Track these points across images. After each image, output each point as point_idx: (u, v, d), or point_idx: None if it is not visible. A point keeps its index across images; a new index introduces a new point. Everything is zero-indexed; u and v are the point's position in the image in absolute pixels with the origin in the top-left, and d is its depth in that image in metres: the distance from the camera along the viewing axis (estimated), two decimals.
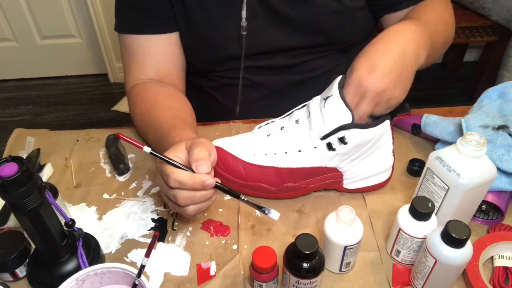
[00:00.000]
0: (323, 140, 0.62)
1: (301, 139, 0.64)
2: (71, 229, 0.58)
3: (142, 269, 0.49)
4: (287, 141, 0.65)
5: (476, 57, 2.48)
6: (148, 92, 0.77)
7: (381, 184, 0.71)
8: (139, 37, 0.78)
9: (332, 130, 0.61)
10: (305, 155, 0.64)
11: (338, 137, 0.61)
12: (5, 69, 2.47)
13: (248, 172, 0.67)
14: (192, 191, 0.55)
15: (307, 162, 0.65)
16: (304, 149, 0.64)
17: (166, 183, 0.55)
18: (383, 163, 0.68)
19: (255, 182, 0.67)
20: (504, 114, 0.70)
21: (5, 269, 0.59)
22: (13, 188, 0.47)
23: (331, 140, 0.62)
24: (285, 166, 0.66)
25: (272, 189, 0.68)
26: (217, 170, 0.68)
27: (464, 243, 0.49)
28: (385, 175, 0.70)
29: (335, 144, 0.62)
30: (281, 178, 0.67)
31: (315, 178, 0.67)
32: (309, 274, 0.52)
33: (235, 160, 0.67)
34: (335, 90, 0.61)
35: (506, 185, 0.63)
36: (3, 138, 2.07)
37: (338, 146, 0.62)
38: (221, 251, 0.64)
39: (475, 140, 0.54)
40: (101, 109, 2.29)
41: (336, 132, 0.61)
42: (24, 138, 0.83)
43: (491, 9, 1.82)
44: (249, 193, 0.69)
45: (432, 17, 0.73)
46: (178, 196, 0.55)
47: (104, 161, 0.79)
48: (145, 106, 0.75)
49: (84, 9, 2.23)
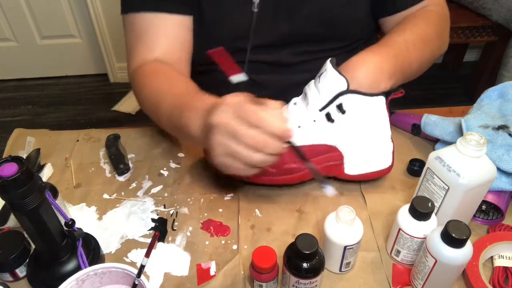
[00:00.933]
0: (322, 111, 0.63)
1: (299, 115, 0.65)
2: (71, 229, 0.58)
3: (142, 269, 0.49)
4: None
5: (476, 57, 2.48)
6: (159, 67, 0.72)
7: (383, 171, 0.70)
8: (151, 15, 0.74)
9: (330, 100, 0.62)
10: (305, 131, 0.65)
11: (336, 104, 0.62)
12: (5, 69, 2.47)
13: None
14: (270, 138, 0.51)
15: (307, 139, 0.65)
16: (303, 124, 0.65)
17: (247, 120, 0.50)
18: (382, 146, 0.68)
19: None
20: (504, 114, 0.70)
21: (5, 269, 0.59)
22: (13, 188, 0.47)
23: (330, 109, 0.63)
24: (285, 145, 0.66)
25: (273, 172, 0.67)
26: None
27: (464, 243, 0.49)
28: (385, 161, 0.70)
29: (334, 113, 0.63)
30: (281, 158, 0.66)
31: (316, 158, 0.67)
32: (309, 274, 0.52)
33: None
34: (328, 65, 0.63)
35: (506, 185, 0.63)
36: (3, 138, 2.07)
37: (337, 115, 0.63)
38: (221, 251, 0.64)
39: (475, 140, 0.54)
40: (101, 109, 2.29)
41: (334, 100, 0.62)
42: (24, 138, 0.83)
43: (491, 9, 1.82)
44: (250, 178, 0.67)
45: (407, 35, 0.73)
46: (257, 138, 0.50)
47: (104, 161, 0.79)
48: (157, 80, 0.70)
49: (84, 9, 2.23)
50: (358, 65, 0.65)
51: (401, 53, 0.69)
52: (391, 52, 0.68)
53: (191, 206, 0.70)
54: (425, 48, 0.75)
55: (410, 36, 0.73)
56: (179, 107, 0.62)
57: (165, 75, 0.71)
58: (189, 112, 0.59)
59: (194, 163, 0.78)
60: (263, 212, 0.69)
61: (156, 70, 0.72)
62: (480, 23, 1.88)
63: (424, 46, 0.75)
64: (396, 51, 0.69)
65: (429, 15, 0.78)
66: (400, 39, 0.72)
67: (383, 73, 0.65)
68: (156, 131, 0.86)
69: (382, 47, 0.70)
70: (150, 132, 0.85)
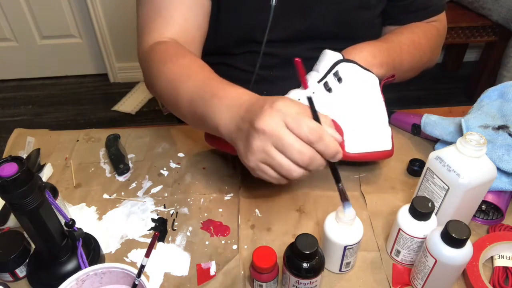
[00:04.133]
0: (320, 82, 0.68)
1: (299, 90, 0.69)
2: (71, 229, 0.58)
3: (142, 269, 0.49)
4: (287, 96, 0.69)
5: (476, 57, 2.48)
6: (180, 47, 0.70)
7: (383, 153, 0.70)
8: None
9: (328, 70, 0.68)
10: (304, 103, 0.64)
11: (333, 72, 0.67)
12: (5, 69, 2.46)
13: None
14: (317, 154, 0.49)
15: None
16: (302, 97, 0.66)
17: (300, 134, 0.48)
18: (379, 126, 0.70)
19: None
20: (504, 114, 0.70)
21: (5, 269, 0.59)
22: (13, 188, 0.47)
23: (328, 79, 0.67)
24: None
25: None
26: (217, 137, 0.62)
27: (464, 243, 0.49)
28: (385, 143, 0.70)
29: (331, 82, 0.67)
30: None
31: None
32: (309, 274, 0.52)
33: None
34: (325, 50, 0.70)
35: (506, 185, 0.63)
36: (3, 138, 2.07)
37: (334, 83, 0.67)
38: (221, 251, 0.64)
39: (475, 140, 0.54)
40: (101, 109, 2.29)
41: (331, 70, 0.67)
42: (24, 138, 0.83)
43: (491, 9, 1.82)
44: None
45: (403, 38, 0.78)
46: (306, 154, 0.48)
47: (104, 161, 0.79)
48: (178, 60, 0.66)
49: (84, 9, 2.23)
50: (352, 50, 0.71)
51: (393, 50, 0.75)
52: (384, 46, 0.74)
53: (191, 206, 0.70)
54: (416, 55, 0.79)
55: (405, 40, 0.78)
56: (206, 92, 0.57)
57: (188, 56, 0.67)
58: (218, 100, 0.55)
59: (194, 163, 0.78)
60: (263, 212, 0.69)
61: (177, 48, 0.68)
62: (480, 23, 1.88)
63: (416, 52, 0.79)
64: (389, 46, 0.75)
65: (429, 28, 0.82)
66: (395, 39, 0.77)
67: (375, 59, 0.71)
68: (156, 131, 0.86)
69: (376, 41, 0.76)
70: (150, 132, 0.85)
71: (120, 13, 2.21)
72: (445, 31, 0.87)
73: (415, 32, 0.80)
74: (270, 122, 0.48)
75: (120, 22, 2.24)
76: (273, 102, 0.49)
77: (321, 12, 0.77)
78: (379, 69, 0.71)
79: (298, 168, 0.49)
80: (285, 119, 0.48)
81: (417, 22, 0.83)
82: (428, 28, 0.82)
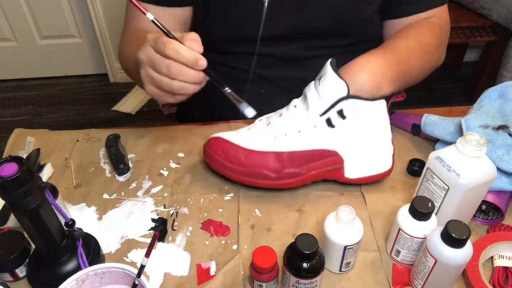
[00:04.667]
0: (322, 116, 0.64)
1: (300, 120, 0.65)
2: (71, 229, 0.58)
3: (142, 269, 0.49)
4: (286, 124, 0.66)
5: (476, 57, 2.48)
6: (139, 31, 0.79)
7: (382, 174, 0.70)
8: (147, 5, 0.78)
9: (331, 105, 0.62)
10: (305, 136, 0.65)
11: (337, 110, 0.62)
12: (5, 69, 2.46)
13: (248, 158, 0.67)
14: (184, 66, 0.56)
15: (307, 144, 0.65)
16: (303, 129, 0.65)
17: (161, 52, 0.56)
18: (382, 149, 0.68)
19: (255, 168, 0.67)
20: (504, 114, 0.70)
21: (5, 269, 0.59)
22: (13, 188, 0.47)
23: (330, 115, 0.63)
24: (285, 150, 0.66)
25: (273, 176, 0.67)
26: (216, 158, 0.69)
27: (464, 243, 0.49)
28: (385, 164, 0.70)
29: (334, 119, 0.63)
30: (281, 163, 0.66)
31: (316, 162, 0.67)
32: (309, 274, 0.52)
33: (236, 148, 0.68)
34: (328, 68, 0.64)
35: (506, 185, 0.63)
36: (3, 138, 2.07)
37: (337, 121, 0.63)
38: (221, 251, 0.64)
39: (475, 140, 0.54)
40: (101, 109, 2.29)
41: (335, 105, 0.63)
42: (24, 138, 0.83)
43: (491, 9, 1.82)
44: (250, 181, 0.69)
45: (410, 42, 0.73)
46: (171, 66, 0.56)
47: (104, 161, 0.79)
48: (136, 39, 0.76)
49: (84, 9, 2.23)
50: (360, 68, 0.64)
51: (403, 60, 0.69)
52: (394, 58, 0.68)
53: (191, 206, 0.70)
54: (425, 57, 0.76)
55: (413, 43, 0.73)
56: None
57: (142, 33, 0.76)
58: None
59: (194, 163, 0.78)
60: (263, 212, 0.69)
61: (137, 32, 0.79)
62: (480, 23, 1.88)
63: (425, 55, 0.75)
64: (399, 57, 0.69)
65: (433, 27, 0.79)
66: (403, 45, 0.72)
67: (385, 78, 0.65)
68: (156, 131, 0.86)
69: (385, 51, 0.69)
70: (150, 132, 0.85)
71: (120, 13, 2.20)
72: (449, 28, 0.84)
73: (421, 32, 0.76)
74: (142, 51, 0.59)
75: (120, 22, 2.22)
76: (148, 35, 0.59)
77: (315, 8, 0.76)
78: (390, 86, 0.66)
79: (174, 81, 0.58)
80: (150, 44, 0.58)
81: (420, 21, 0.80)
82: (431, 26, 0.79)
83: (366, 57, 0.66)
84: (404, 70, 0.69)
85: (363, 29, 0.83)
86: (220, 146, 0.69)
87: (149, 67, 0.59)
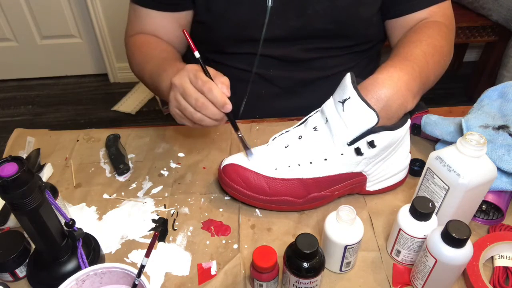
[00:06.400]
0: (350, 145, 0.61)
1: (325, 147, 0.63)
2: (71, 229, 0.58)
3: (142, 269, 0.49)
4: (310, 151, 0.64)
5: (476, 57, 2.48)
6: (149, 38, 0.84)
7: (399, 183, 0.71)
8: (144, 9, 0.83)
9: (360, 135, 0.60)
10: (332, 163, 0.63)
11: (368, 141, 0.60)
12: (5, 69, 2.46)
13: (272, 187, 0.65)
14: (210, 103, 0.61)
15: (334, 170, 0.64)
16: (330, 157, 0.63)
17: (197, 86, 0.62)
18: (401, 162, 0.68)
19: (280, 196, 0.66)
20: (504, 114, 0.70)
21: (5, 269, 0.59)
22: (13, 188, 0.47)
23: (360, 144, 0.61)
24: (311, 177, 0.64)
25: (298, 201, 0.66)
26: (238, 188, 0.67)
27: (464, 243, 0.49)
28: (402, 174, 0.70)
29: (364, 148, 0.61)
30: (306, 189, 0.65)
31: (341, 184, 0.67)
32: (309, 273, 0.52)
33: (257, 176, 0.66)
34: (351, 91, 0.58)
35: (506, 185, 0.63)
36: (3, 138, 2.07)
37: (367, 150, 0.61)
38: (222, 250, 0.64)
39: (475, 140, 0.54)
40: (101, 109, 2.29)
41: (365, 136, 0.60)
42: (24, 138, 0.83)
43: (491, 9, 1.82)
44: (274, 208, 0.67)
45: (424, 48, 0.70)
46: (199, 100, 0.61)
47: (104, 161, 0.79)
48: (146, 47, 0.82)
49: (84, 9, 2.23)
50: (384, 82, 0.61)
51: (423, 70, 0.67)
52: (416, 69, 0.65)
53: (191, 206, 0.70)
54: (441, 62, 0.74)
55: (427, 48, 0.70)
56: (160, 69, 0.74)
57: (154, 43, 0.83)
58: (165, 73, 0.71)
59: (194, 163, 0.78)
60: (264, 212, 0.69)
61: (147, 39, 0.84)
62: (480, 23, 1.88)
63: (441, 59, 0.73)
64: (420, 67, 0.66)
65: (441, 28, 0.76)
66: (419, 51, 0.69)
67: (411, 93, 0.63)
68: (156, 131, 0.86)
69: (406, 62, 0.66)
70: (150, 132, 0.85)
71: (120, 13, 2.20)
72: (454, 25, 0.81)
73: (432, 36, 0.73)
74: (178, 77, 0.63)
75: (120, 22, 2.24)
76: (186, 66, 0.64)
77: (316, 10, 0.77)
78: (414, 100, 0.64)
79: (197, 113, 0.63)
80: (189, 75, 0.63)
81: (426, 22, 0.77)
82: (439, 27, 0.76)
83: (389, 70, 0.63)
84: (425, 82, 0.67)
85: (364, 31, 0.83)
86: (238, 174, 0.66)
87: (179, 93, 0.63)
